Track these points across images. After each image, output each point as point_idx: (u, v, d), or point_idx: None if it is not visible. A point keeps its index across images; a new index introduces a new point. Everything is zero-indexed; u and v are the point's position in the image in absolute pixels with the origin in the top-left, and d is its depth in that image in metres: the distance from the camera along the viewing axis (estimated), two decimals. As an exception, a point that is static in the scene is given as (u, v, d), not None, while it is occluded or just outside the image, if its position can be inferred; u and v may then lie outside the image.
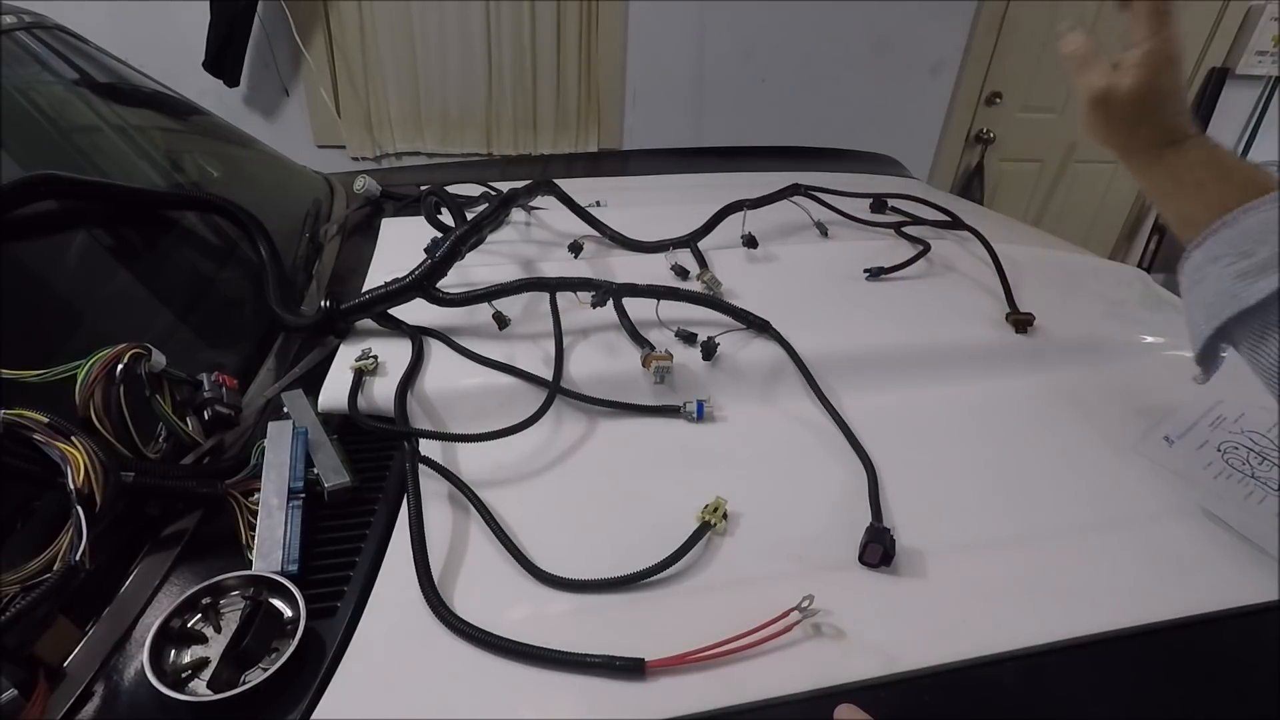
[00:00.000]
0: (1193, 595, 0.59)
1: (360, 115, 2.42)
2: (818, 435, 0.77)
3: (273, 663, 0.49)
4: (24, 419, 0.52)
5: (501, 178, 1.43)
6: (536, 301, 0.93)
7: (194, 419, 0.68)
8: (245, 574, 0.55)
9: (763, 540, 0.64)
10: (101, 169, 0.97)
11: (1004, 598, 0.58)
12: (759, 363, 0.84)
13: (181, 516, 0.62)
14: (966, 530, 0.65)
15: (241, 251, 0.97)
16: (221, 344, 0.86)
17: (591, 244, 1.12)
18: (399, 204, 1.32)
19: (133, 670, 0.50)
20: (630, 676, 0.50)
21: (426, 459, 0.69)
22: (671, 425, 0.79)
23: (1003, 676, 0.53)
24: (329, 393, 0.76)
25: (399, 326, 0.87)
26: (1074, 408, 0.83)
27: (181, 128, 1.28)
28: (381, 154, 2.49)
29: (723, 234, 1.13)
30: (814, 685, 0.51)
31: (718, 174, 1.58)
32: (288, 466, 0.63)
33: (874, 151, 1.82)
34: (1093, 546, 0.64)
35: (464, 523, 0.65)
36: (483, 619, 0.54)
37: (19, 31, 1.03)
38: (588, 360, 0.84)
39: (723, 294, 0.97)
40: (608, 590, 0.58)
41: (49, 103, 1.01)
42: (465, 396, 0.79)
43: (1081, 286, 1.05)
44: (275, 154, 1.41)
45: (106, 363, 0.60)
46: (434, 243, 0.96)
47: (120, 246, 0.86)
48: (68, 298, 0.76)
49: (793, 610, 0.53)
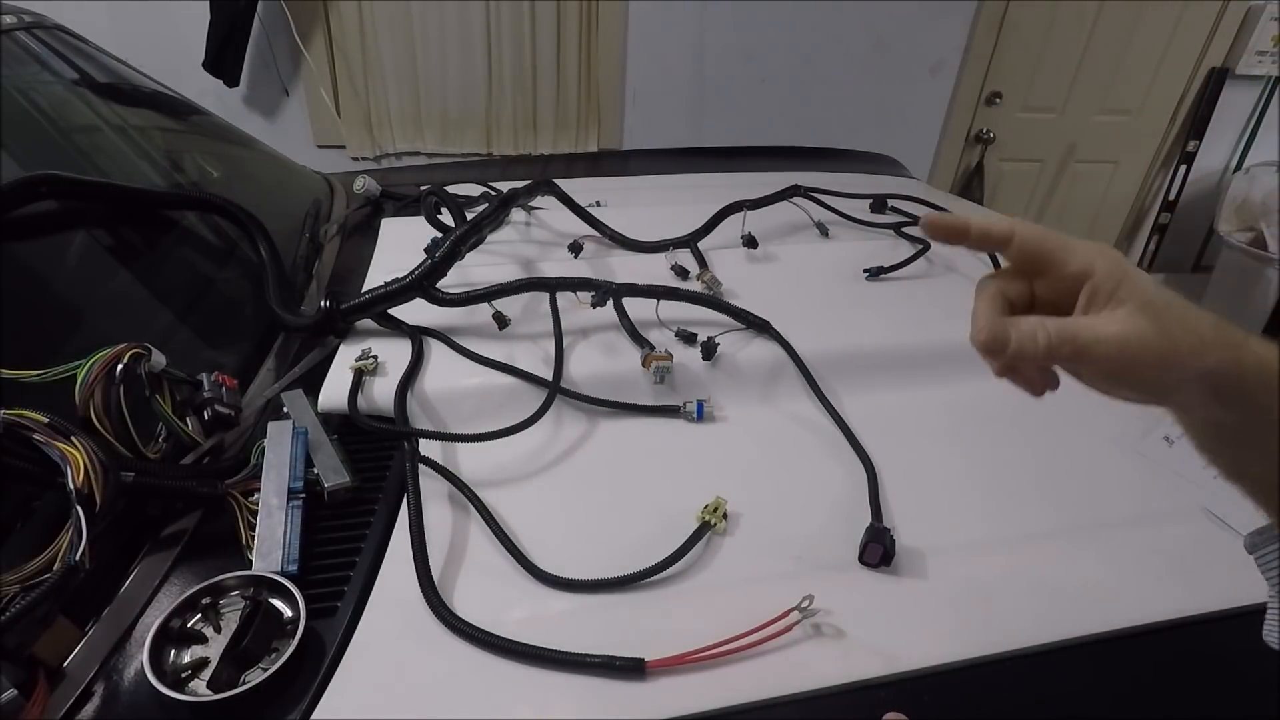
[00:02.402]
0: (1193, 595, 0.59)
1: (360, 115, 2.42)
2: (818, 435, 0.77)
3: (273, 663, 0.49)
4: (24, 419, 0.52)
5: (501, 178, 1.43)
6: (536, 301, 0.93)
7: (194, 419, 0.68)
8: (245, 574, 0.55)
9: (763, 540, 0.64)
10: (101, 169, 0.97)
11: (1004, 598, 0.58)
12: (759, 363, 0.84)
13: (181, 516, 0.62)
14: (966, 530, 0.65)
15: (241, 251, 0.97)
16: (221, 344, 0.86)
17: (591, 244, 1.12)
18: (399, 204, 1.32)
19: (133, 670, 0.50)
20: (630, 676, 0.50)
21: (426, 459, 0.69)
22: (671, 425, 0.79)
23: (1003, 676, 0.53)
24: (329, 393, 0.76)
25: (399, 326, 0.87)
26: (1074, 408, 0.83)
27: (181, 128, 1.28)
28: (381, 154, 2.49)
29: (723, 234, 1.13)
30: (814, 685, 0.51)
31: (718, 174, 1.58)
32: (288, 466, 0.63)
33: (874, 151, 1.82)
34: (1093, 546, 0.64)
35: (464, 523, 0.65)
36: (483, 619, 0.54)
37: (19, 31, 1.03)
38: (588, 360, 0.84)
39: (723, 294, 0.97)
40: (608, 590, 0.58)
41: (49, 103, 1.01)
42: (465, 396, 0.79)
43: (1081, 286, 1.05)
44: (275, 154, 1.41)
45: (106, 363, 0.60)
46: (434, 243, 0.96)
47: (120, 246, 0.86)
48: (68, 298, 0.76)
49: (793, 610, 0.53)
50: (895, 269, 1.05)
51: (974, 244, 0.38)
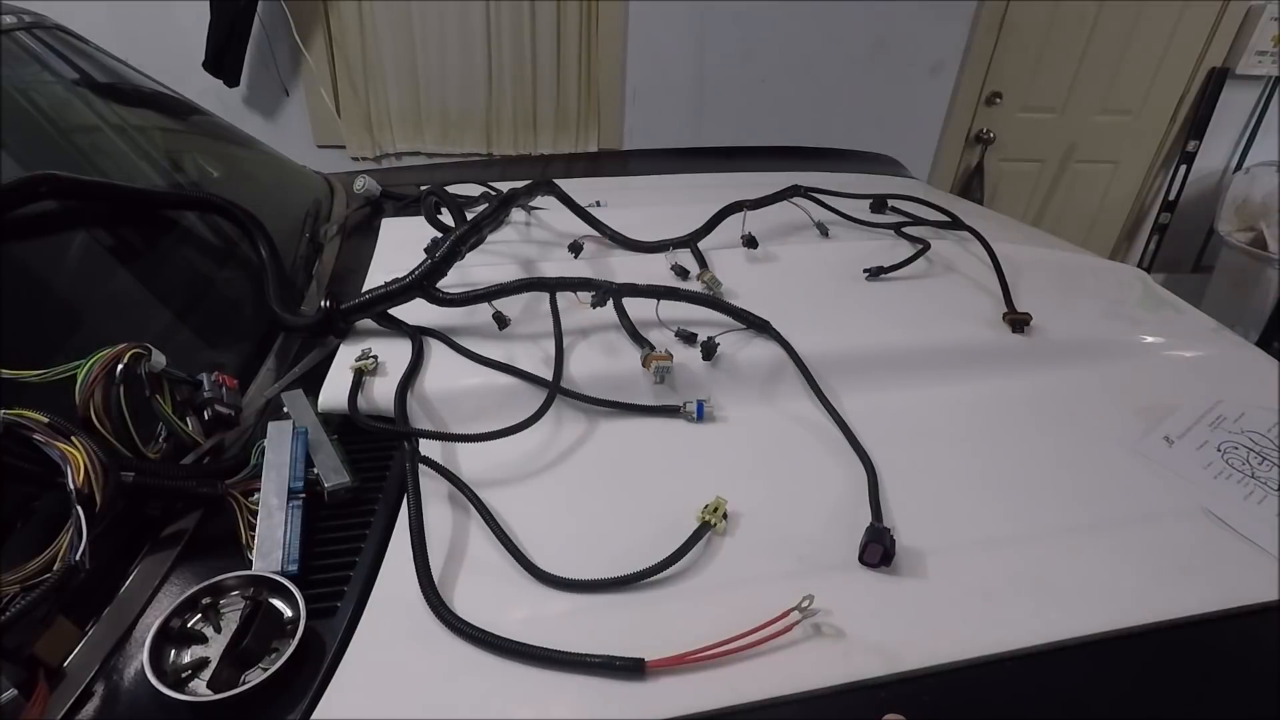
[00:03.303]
0: (1193, 595, 0.59)
1: (360, 115, 2.42)
2: (818, 435, 0.77)
3: (273, 663, 0.49)
4: (24, 419, 0.52)
5: (501, 178, 1.43)
6: (536, 301, 0.93)
7: (194, 419, 0.68)
8: (245, 574, 0.55)
9: (763, 540, 0.64)
10: (101, 169, 0.97)
11: (1004, 598, 0.58)
12: (759, 363, 0.84)
13: (181, 516, 0.62)
14: (966, 530, 0.65)
15: (241, 251, 0.97)
16: (221, 344, 0.86)
17: (591, 244, 1.12)
18: (399, 204, 1.32)
19: (133, 670, 0.50)
20: (630, 676, 0.50)
21: (426, 459, 0.69)
22: (671, 425, 0.79)
23: (1003, 676, 0.53)
24: (329, 393, 0.76)
25: (399, 326, 0.87)
26: (1074, 407, 0.83)
27: (181, 128, 1.28)
28: (381, 154, 2.49)
29: (723, 234, 1.13)
30: (814, 685, 0.51)
31: (718, 174, 1.58)
32: (288, 466, 0.63)
33: (874, 151, 1.82)
34: (1093, 546, 0.64)
35: (464, 523, 0.65)
36: (483, 619, 0.54)
37: (19, 31, 1.03)
38: (588, 360, 0.84)
39: (723, 294, 0.97)
40: (608, 590, 0.58)
41: (49, 103, 1.01)
42: (465, 396, 0.79)
43: (1081, 286, 1.05)
44: (275, 154, 1.41)
45: (106, 363, 0.60)
46: (434, 243, 0.96)
47: (120, 246, 0.86)
48: (68, 297, 0.76)
49: (793, 610, 0.53)
50: (895, 269, 1.05)
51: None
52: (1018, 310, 0.94)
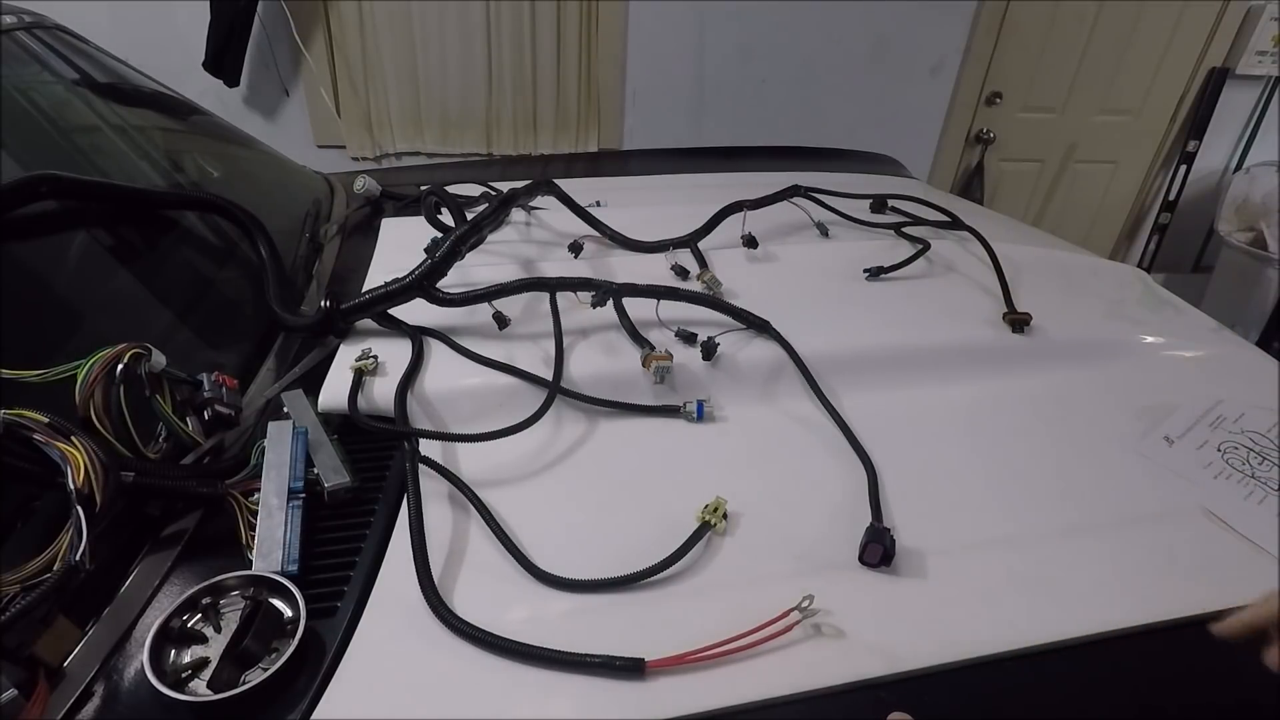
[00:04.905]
0: (1193, 595, 0.59)
1: (360, 115, 2.42)
2: (818, 435, 0.77)
3: (273, 663, 0.49)
4: (24, 419, 0.52)
5: (501, 178, 1.43)
6: (536, 301, 0.93)
7: (194, 419, 0.68)
8: (245, 574, 0.55)
9: (763, 540, 0.64)
10: (101, 169, 0.97)
11: (1004, 598, 0.58)
12: (759, 363, 0.84)
13: (181, 516, 0.62)
14: (966, 530, 0.65)
15: (241, 251, 0.97)
16: (221, 344, 0.86)
17: (591, 244, 1.12)
18: (399, 204, 1.32)
19: (133, 670, 0.50)
20: (630, 676, 0.50)
21: (426, 459, 0.69)
22: (671, 425, 0.79)
23: (1003, 676, 0.53)
24: (329, 393, 0.76)
25: (399, 326, 0.87)
26: (1074, 407, 0.83)
27: (181, 128, 1.28)
28: (381, 154, 2.49)
29: (723, 234, 1.13)
30: (814, 685, 0.51)
31: (718, 174, 1.58)
32: (288, 466, 0.63)
33: (874, 151, 1.82)
34: (1093, 546, 0.64)
35: (464, 523, 0.65)
36: (483, 619, 0.54)
37: (19, 31, 1.03)
38: (588, 360, 0.84)
39: (723, 294, 0.97)
40: (608, 590, 0.58)
41: (49, 103, 1.01)
42: (465, 396, 0.79)
43: (1081, 286, 1.05)
44: (275, 154, 1.41)
45: (106, 363, 0.60)
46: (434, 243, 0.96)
47: (120, 246, 0.86)
48: (68, 297, 0.76)
49: (793, 610, 0.53)
50: (895, 269, 1.05)
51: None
52: (1018, 310, 0.94)
